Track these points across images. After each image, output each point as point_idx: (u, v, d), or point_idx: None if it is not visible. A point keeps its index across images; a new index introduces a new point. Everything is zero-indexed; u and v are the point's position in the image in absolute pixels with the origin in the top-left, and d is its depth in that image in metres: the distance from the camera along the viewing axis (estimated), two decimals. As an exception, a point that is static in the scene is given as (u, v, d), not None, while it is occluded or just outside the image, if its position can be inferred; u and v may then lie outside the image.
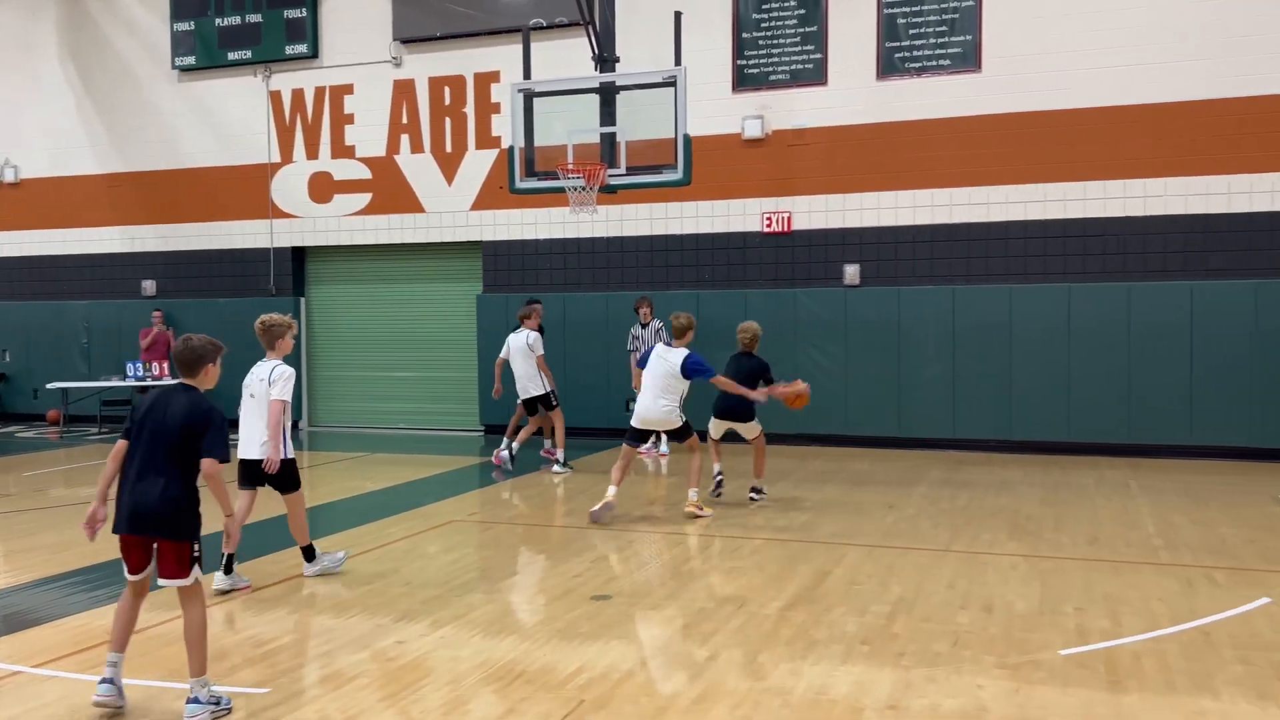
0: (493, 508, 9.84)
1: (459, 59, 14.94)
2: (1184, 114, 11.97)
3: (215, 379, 4.98)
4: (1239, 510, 8.94)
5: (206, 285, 16.47)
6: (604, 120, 11.14)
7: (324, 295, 16.28)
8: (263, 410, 6.72)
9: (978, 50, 12.65)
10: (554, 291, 14.34)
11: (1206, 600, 6.23)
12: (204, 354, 4.89)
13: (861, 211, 13.21)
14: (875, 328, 13.10)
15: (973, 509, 9.15)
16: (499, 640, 5.62)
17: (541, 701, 4.74)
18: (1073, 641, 5.50)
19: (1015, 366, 12.57)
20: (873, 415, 13.13)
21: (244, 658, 5.40)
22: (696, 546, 8.00)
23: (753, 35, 13.52)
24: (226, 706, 4.66)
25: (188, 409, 4.75)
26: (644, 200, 13.84)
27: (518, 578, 7.08)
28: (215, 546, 6.30)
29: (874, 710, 4.60)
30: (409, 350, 15.76)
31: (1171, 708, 4.61)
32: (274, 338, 6.80)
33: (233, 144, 16.19)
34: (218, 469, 4.74)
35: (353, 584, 6.83)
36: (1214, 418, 11.89)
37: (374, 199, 15.52)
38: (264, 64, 15.90)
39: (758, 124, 13.41)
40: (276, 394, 6.64)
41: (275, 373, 6.72)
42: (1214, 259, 11.98)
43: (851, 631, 5.70)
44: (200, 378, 4.89)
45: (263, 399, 6.73)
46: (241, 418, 6.85)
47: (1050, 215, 12.50)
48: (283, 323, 6.82)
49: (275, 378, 6.70)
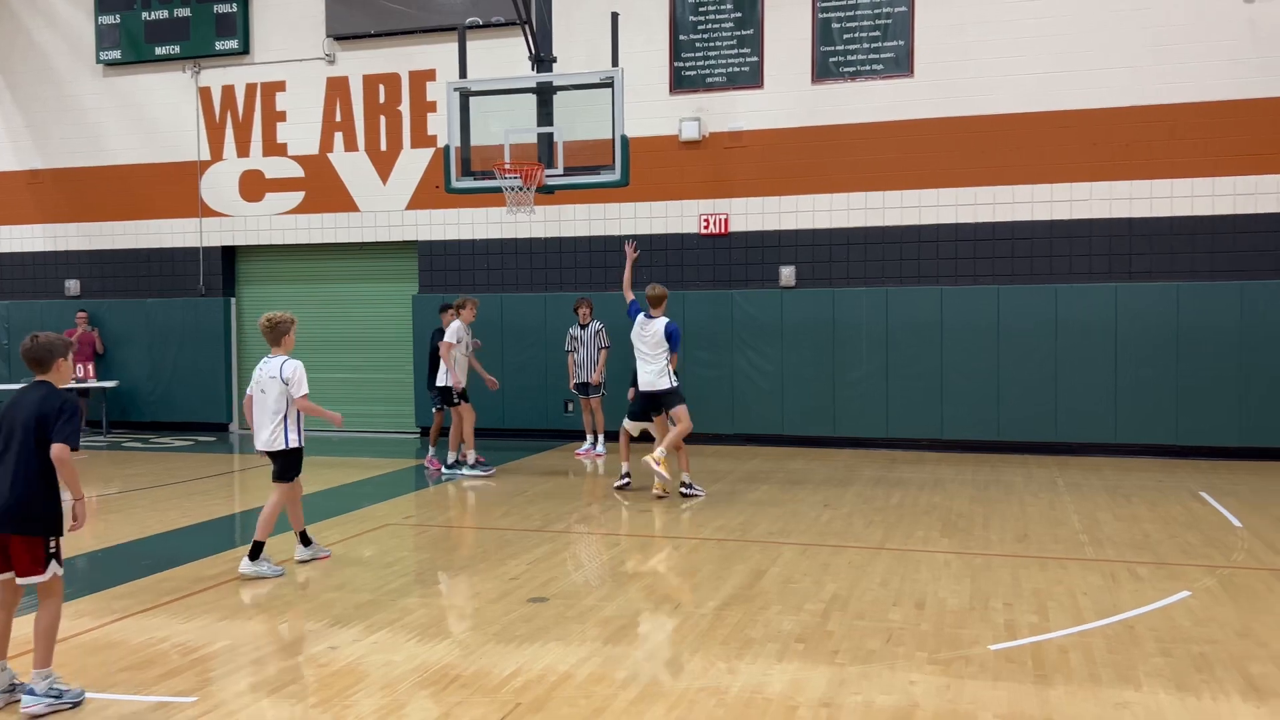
0: (428, 510, 9.75)
1: (394, 57, 14.79)
2: (1109, 120, 12.28)
3: (69, 374, 5.07)
4: (1161, 506, 9.19)
5: (133, 285, 16.09)
6: (541, 120, 11.11)
7: (255, 295, 15.99)
8: (274, 405, 7.04)
9: (910, 56, 12.85)
10: (491, 292, 14.25)
11: (1130, 594, 6.39)
12: (54, 349, 4.98)
13: (797, 214, 13.35)
14: (810, 329, 13.24)
15: (905, 507, 9.29)
16: (434, 644, 5.57)
17: (477, 705, 4.71)
18: (1002, 636, 5.61)
19: (946, 367, 12.79)
20: (808, 415, 13.27)
21: (170, 666, 5.27)
22: (633, 547, 8.01)
23: (689, 37, 13.57)
24: (70, 701, 4.65)
25: (40, 401, 4.80)
26: (582, 201, 13.83)
27: (453, 581, 7.03)
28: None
29: (808, 708, 4.64)
30: (342, 351, 15.54)
31: (1096, 700, 4.72)
32: (280, 334, 7.13)
33: (161, 141, 15.84)
34: (66, 454, 4.75)
35: (285, 588, 6.73)
36: (1137, 416, 12.22)
37: (307, 198, 15.29)
38: (193, 59, 15.58)
39: (695, 126, 13.47)
40: (297, 393, 7.02)
41: (287, 370, 7.03)
42: (1138, 262, 12.31)
43: (787, 630, 5.74)
44: (53, 373, 4.96)
45: (273, 394, 7.04)
46: (255, 413, 7.15)
47: (980, 218, 12.73)
48: (286, 319, 7.16)
49: (290, 376, 7.02)
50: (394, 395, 15.20)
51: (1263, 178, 11.86)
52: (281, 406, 7.05)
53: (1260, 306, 11.83)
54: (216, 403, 15.78)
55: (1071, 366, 12.40)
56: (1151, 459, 11.99)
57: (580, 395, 12.69)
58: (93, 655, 5.37)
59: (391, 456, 13.06)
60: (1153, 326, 12.15)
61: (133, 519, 9.08)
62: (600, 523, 8.89)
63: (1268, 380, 11.80)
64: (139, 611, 6.22)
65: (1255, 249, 11.94)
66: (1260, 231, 11.91)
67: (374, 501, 9.86)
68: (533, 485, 10.65)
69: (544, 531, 8.52)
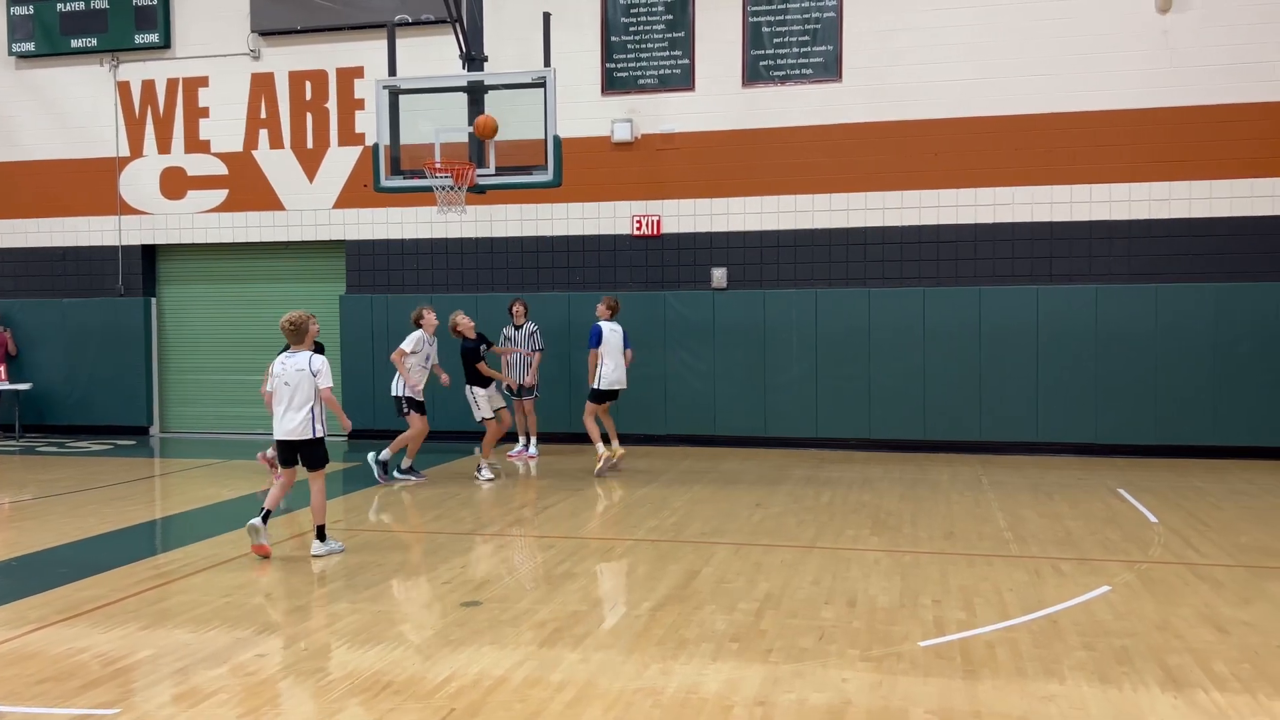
0: (358, 514, 9.60)
1: (321, 53, 14.55)
2: (1030, 126, 12.58)
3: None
4: (1083, 504, 9.44)
5: (49, 285, 15.60)
6: (473, 119, 11.02)
7: (176, 295, 15.61)
8: (299, 397, 7.48)
9: (839, 61, 13.02)
10: (421, 293, 14.10)
11: (1053, 590, 6.55)
12: None
13: (729, 216, 13.44)
14: (742, 330, 13.34)
15: (836, 506, 9.41)
16: (365, 650, 5.49)
17: (411, 712, 4.65)
18: (931, 633, 5.70)
19: (874, 367, 12.98)
20: (740, 416, 13.36)
21: (91, 677, 5.12)
22: (567, 549, 7.98)
23: (621, 39, 13.58)
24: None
25: None
26: (514, 201, 13.76)
27: (384, 585, 6.93)
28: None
29: (743, 706, 4.67)
30: (267, 353, 15.11)
31: (1022, 693, 4.83)
32: (303, 332, 7.60)
33: (77, 136, 15.38)
34: None
35: (211, 595, 6.57)
36: (1058, 416, 12.54)
37: (230, 195, 14.97)
38: (111, 53, 15.16)
39: (627, 127, 13.48)
40: (324, 384, 7.49)
41: (315, 364, 7.50)
42: (1058, 265, 12.63)
43: (721, 629, 5.77)
44: None
45: (298, 387, 7.48)
46: (276, 405, 7.61)
47: (906, 222, 12.96)
48: (305, 317, 7.63)
49: (318, 369, 7.50)
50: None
51: (1175, 184, 12.26)
52: (311, 398, 7.48)
53: (1174, 309, 12.22)
54: (136, 405, 15.36)
55: (994, 367, 12.68)
56: (1072, 457, 12.32)
57: (513, 397, 12.61)
58: (9, 667, 5.19)
59: (319, 459, 12.81)
60: (1072, 328, 12.48)
61: (49, 525, 8.79)
62: (533, 525, 8.85)
63: (1182, 380, 12.19)
64: (57, 621, 6.02)
65: (1169, 253, 12.33)
66: (1174, 236, 12.31)
67: (300, 506, 9.68)
68: (465, 488, 10.56)
69: (476, 535, 8.46)
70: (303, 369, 7.48)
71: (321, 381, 7.48)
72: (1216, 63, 12.07)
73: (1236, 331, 12.07)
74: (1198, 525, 8.46)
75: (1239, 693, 4.80)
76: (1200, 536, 8.05)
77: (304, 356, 7.53)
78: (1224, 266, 12.21)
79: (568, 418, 13.17)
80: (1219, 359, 12.11)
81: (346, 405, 14.36)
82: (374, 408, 13.77)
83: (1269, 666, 5.15)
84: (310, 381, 7.46)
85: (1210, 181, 12.18)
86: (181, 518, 9.16)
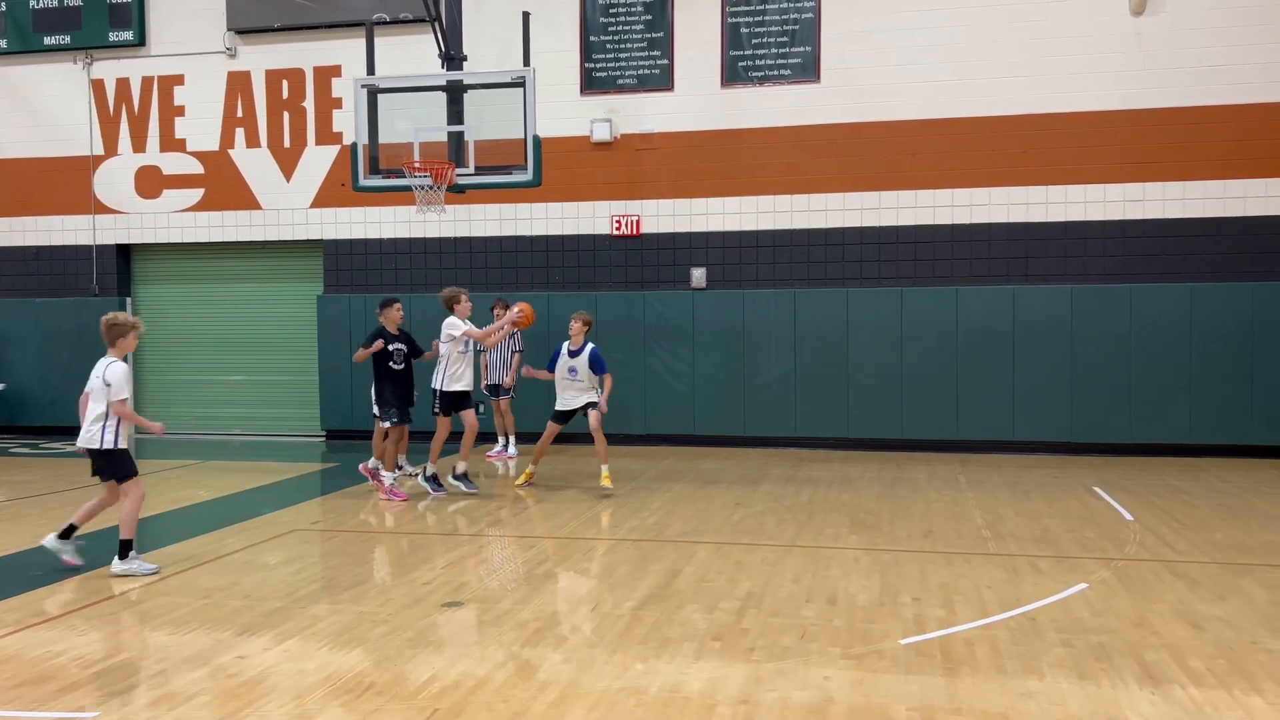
0: (337, 515, 9.55)
1: (298, 52, 14.47)
2: (1006, 127, 12.68)
3: None
4: (1059, 502, 9.52)
5: (22, 284, 15.44)
6: (452, 119, 11.00)
7: (152, 295, 15.49)
8: (96, 405, 6.93)
9: (816, 62, 13.07)
10: (400, 292, 14.01)
11: (1031, 587, 6.61)
12: None
13: (708, 216, 13.47)
14: (721, 330, 13.37)
15: (815, 505, 9.45)
16: (347, 652, 5.47)
17: (393, 713, 4.64)
18: (911, 631, 5.74)
19: (852, 367, 13.05)
20: (720, 415, 13.40)
21: (69, 680, 5.07)
22: (548, 550, 7.98)
23: (600, 39, 13.59)
24: None
25: None
26: (493, 200, 13.74)
27: (365, 587, 6.90)
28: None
29: (726, 705, 4.69)
30: (244, 353, 15.17)
31: (1002, 690, 4.87)
32: (115, 336, 7.00)
33: (51, 134, 15.23)
34: None
35: (189, 597, 6.52)
36: (1034, 414, 12.64)
37: (207, 195, 14.87)
38: (85, 50, 15.02)
39: (606, 127, 13.48)
40: (115, 396, 6.88)
41: (110, 372, 6.91)
42: (1034, 265, 12.73)
43: (703, 629, 5.79)
44: None
45: (96, 394, 6.94)
46: (84, 410, 7.07)
47: (884, 222, 13.03)
48: (126, 322, 7.04)
49: (111, 377, 6.90)
50: (299, 398, 14.86)
51: (1149, 185, 12.39)
52: (102, 407, 6.92)
53: (1149, 308, 12.35)
54: (111, 406, 15.20)
55: (971, 366, 12.77)
56: (1048, 455, 12.43)
57: (491, 397, 12.58)
58: (-16, 671, 5.14)
59: (297, 460, 12.77)
60: (1048, 328, 12.59)
61: (23, 528, 8.70)
62: (514, 525, 8.84)
63: (1156, 378, 12.33)
64: (34, 624, 5.97)
65: (1144, 253, 12.46)
66: (1148, 236, 12.44)
67: (279, 507, 9.64)
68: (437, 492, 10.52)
69: (457, 535, 8.44)
70: (99, 375, 6.92)
71: (113, 394, 6.88)
72: (1189, 65, 12.21)
73: (1210, 331, 12.21)
74: (1173, 523, 8.56)
75: (1215, 688, 4.86)
76: (1175, 534, 8.14)
77: (104, 364, 6.97)
78: (1197, 266, 12.35)
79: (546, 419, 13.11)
80: (1193, 358, 12.25)
81: (324, 405, 14.31)
82: (352, 408, 13.73)
83: (1244, 662, 5.21)
84: (104, 391, 6.89)
85: (1183, 183, 12.31)
86: (158, 519, 9.09)
